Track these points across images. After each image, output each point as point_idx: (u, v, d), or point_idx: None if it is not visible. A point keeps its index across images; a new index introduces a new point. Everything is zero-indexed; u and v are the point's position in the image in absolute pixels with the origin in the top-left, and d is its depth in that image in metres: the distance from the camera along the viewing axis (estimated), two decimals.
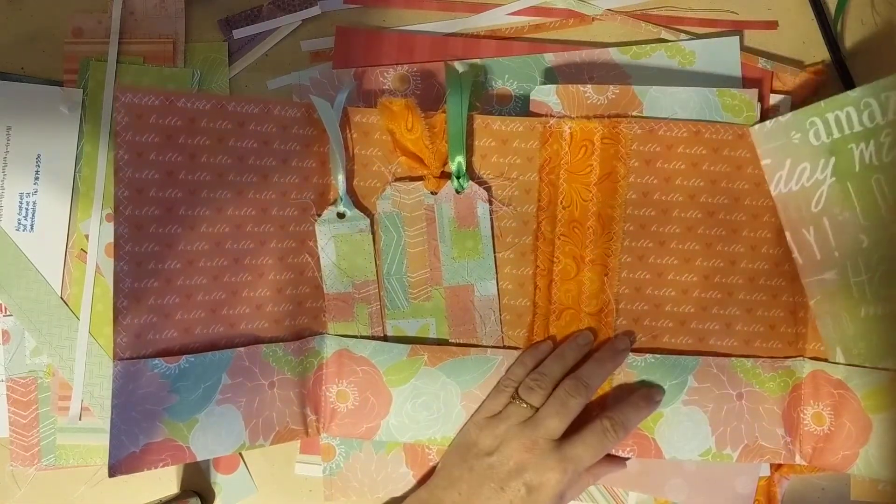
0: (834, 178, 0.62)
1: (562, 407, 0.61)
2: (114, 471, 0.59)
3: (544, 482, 0.59)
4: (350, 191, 0.65)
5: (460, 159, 0.64)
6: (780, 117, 0.64)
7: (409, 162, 0.65)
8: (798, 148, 0.63)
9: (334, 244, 0.65)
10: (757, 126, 0.65)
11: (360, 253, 0.65)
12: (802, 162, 0.63)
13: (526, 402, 0.62)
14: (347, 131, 0.65)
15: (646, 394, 0.64)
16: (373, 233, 0.65)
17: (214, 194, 0.62)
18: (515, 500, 0.59)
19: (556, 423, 0.60)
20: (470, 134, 0.65)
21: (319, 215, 0.65)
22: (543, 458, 0.59)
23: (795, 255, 0.65)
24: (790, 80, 0.68)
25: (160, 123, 0.60)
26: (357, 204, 0.65)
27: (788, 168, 0.64)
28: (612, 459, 0.65)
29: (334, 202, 0.65)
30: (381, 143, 0.65)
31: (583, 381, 0.62)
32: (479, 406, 0.65)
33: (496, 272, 0.65)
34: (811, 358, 0.66)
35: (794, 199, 0.64)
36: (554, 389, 0.62)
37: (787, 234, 0.65)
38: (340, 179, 0.64)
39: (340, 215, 0.65)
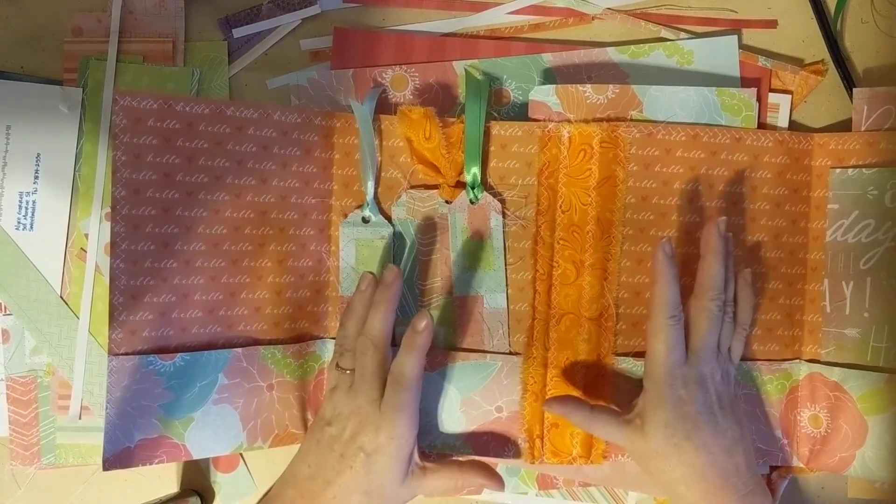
0: (894, 244, 0.63)
1: (361, 369, 0.59)
2: (108, 465, 0.59)
3: (378, 445, 0.57)
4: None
5: (476, 170, 0.64)
6: (864, 169, 0.64)
7: (426, 170, 0.65)
8: (870, 203, 0.64)
9: (355, 247, 0.65)
10: (838, 170, 0.65)
11: (379, 259, 0.65)
12: (869, 218, 0.64)
13: (343, 368, 0.60)
14: None
15: (414, 323, 0.60)
16: None
17: (212, 196, 0.62)
18: (357, 467, 0.57)
19: (364, 386, 0.59)
20: None
21: (323, 219, 0.65)
22: (368, 421, 0.58)
23: (825, 303, 0.66)
24: (790, 78, 0.68)
25: (158, 126, 0.60)
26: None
27: (852, 219, 0.64)
28: None
29: (360, 206, 0.65)
30: (399, 150, 0.65)
31: (368, 334, 0.60)
32: None
33: (507, 285, 0.65)
34: (807, 360, 0.66)
35: (845, 251, 0.65)
36: None
37: (825, 282, 0.65)
38: (370, 185, 0.64)
39: (365, 220, 0.65)
